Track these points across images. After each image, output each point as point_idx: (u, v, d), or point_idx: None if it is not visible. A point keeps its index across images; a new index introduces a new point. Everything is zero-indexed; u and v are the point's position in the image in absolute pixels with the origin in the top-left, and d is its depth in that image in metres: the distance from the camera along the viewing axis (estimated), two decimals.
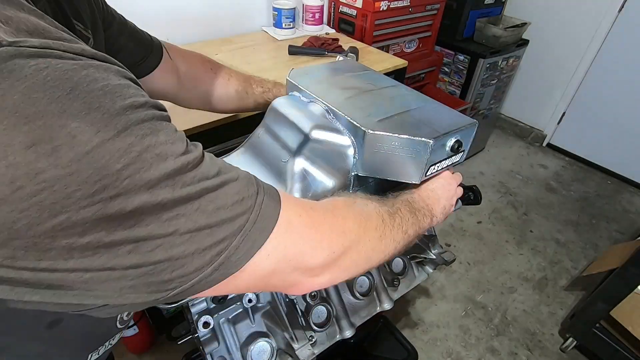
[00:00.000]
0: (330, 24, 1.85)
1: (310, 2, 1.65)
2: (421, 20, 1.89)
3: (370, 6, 1.61)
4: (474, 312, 1.67)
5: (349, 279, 0.42)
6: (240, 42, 1.55)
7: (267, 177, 0.60)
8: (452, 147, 0.54)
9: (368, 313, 0.71)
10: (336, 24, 1.82)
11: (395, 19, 1.75)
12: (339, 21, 1.80)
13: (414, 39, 1.96)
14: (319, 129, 0.57)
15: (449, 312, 1.67)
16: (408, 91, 0.66)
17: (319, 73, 0.71)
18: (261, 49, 1.51)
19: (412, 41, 1.96)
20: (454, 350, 1.52)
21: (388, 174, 0.56)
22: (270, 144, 0.62)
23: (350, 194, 0.45)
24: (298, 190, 0.57)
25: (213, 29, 1.58)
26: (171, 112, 1.05)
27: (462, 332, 1.60)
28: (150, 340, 1.45)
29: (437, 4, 1.87)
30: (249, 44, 1.54)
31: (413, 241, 0.51)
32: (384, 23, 1.72)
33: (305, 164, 0.57)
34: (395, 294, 0.75)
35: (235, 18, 1.63)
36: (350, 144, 0.56)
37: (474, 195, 0.74)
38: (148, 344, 1.45)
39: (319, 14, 1.69)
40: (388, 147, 0.52)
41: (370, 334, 1.33)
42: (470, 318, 1.65)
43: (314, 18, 1.70)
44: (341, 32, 1.78)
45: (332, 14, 1.82)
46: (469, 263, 1.90)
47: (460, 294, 1.75)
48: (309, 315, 0.64)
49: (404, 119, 0.56)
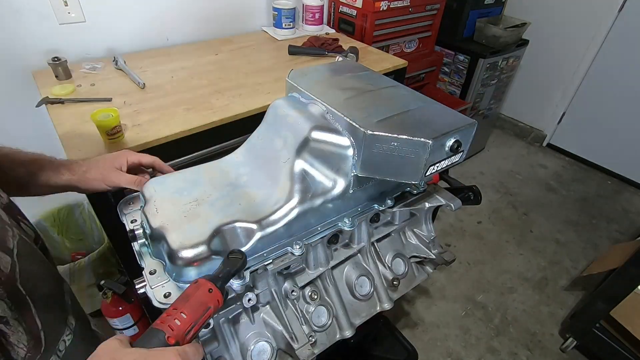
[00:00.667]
0: (330, 24, 1.85)
1: (310, 2, 1.65)
2: (421, 20, 1.89)
3: (370, 6, 1.61)
4: (474, 312, 1.67)
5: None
6: (240, 42, 1.55)
7: (266, 177, 0.59)
8: (451, 147, 0.54)
9: (368, 313, 0.71)
10: (336, 24, 1.82)
11: (395, 19, 1.75)
12: (339, 21, 1.80)
13: (414, 39, 1.96)
14: (318, 129, 0.57)
15: (449, 312, 1.67)
16: (407, 91, 0.66)
17: (318, 74, 0.70)
18: (261, 49, 1.51)
19: (412, 41, 1.96)
20: (454, 350, 1.52)
21: (388, 175, 0.55)
22: (269, 145, 0.62)
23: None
24: (298, 191, 0.56)
25: (213, 29, 1.57)
26: (171, 112, 1.05)
27: (462, 332, 1.60)
28: None
29: (437, 4, 1.87)
30: (249, 44, 1.54)
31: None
32: (384, 23, 1.72)
33: (305, 164, 0.57)
34: (395, 294, 0.75)
35: (235, 18, 1.63)
36: (350, 144, 0.56)
37: (474, 195, 0.75)
38: None
39: (319, 14, 1.69)
40: (387, 147, 0.52)
41: (370, 334, 1.33)
42: (470, 318, 1.65)
43: (314, 18, 1.70)
44: (341, 32, 1.78)
45: (332, 14, 1.82)
46: (469, 263, 1.90)
47: (460, 294, 1.75)
48: (309, 316, 0.63)
49: (403, 119, 0.55)
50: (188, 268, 0.49)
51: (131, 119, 1.00)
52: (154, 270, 0.53)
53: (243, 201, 0.56)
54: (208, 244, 0.50)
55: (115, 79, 1.20)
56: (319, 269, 0.65)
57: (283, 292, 0.61)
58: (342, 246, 0.69)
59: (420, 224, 0.80)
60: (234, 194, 0.58)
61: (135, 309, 1.30)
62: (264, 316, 0.62)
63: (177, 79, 1.20)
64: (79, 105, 1.05)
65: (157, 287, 0.50)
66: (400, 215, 0.75)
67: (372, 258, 0.72)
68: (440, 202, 0.72)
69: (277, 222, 0.55)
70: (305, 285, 0.65)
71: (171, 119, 1.01)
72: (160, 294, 0.50)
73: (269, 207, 0.55)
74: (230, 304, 0.57)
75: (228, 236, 0.52)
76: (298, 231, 0.58)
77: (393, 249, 0.76)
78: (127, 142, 0.91)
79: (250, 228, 0.53)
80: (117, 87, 1.14)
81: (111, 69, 1.24)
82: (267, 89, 1.18)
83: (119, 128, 0.90)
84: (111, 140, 0.89)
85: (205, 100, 1.11)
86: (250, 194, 0.58)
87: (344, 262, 0.71)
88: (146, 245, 0.56)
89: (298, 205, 0.56)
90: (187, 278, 0.50)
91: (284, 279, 0.62)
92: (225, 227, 0.52)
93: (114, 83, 1.17)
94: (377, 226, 0.73)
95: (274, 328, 0.61)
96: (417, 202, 0.72)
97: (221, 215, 0.53)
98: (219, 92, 1.16)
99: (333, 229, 0.61)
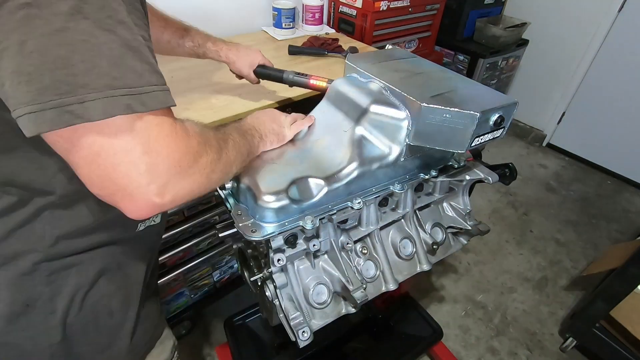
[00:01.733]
0: (330, 24, 1.85)
1: (310, 2, 1.65)
2: (421, 20, 1.89)
3: (370, 6, 1.61)
4: (473, 312, 1.67)
5: (189, 201, 0.44)
6: (240, 42, 1.53)
7: (331, 143, 0.69)
8: (495, 121, 0.61)
9: (409, 272, 0.78)
10: (336, 24, 1.82)
11: (395, 19, 1.75)
12: (338, 21, 1.80)
13: (414, 39, 1.96)
14: (377, 103, 0.66)
15: (449, 312, 1.67)
16: (454, 74, 0.74)
17: (373, 58, 0.79)
18: (261, 48, 1.50)
19: (412, 41, 1.96)
20: (454, 350, 1.52)
21: (438, 144, 0.63)
22: (332, 118, 0.72)
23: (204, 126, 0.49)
24: (358, 155, 0.65)
25: (213, 29, 1.56)
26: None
27: (462, 332, 1.60)
28: None
29: (437, 4, 1.87)
30: (248, 43, 1.53)
31: (247, 160, 0.60)
32: (384, 23, 1.72)
33: (365, 132, 0.67)
34: (434, 258, 0.82)
35: (235, 18, 1.63)
36: (406, 116, 0.64)
37: (510, 172, 0.81)
38: None
39: (318, 14, 1.69)
40: (440, 119, 0.60)
41: (397, 312, 1.37)
42: (470, 318, 1.65)
43: (313, 18, 1.70)
44: (341, 32, 1.78)
45: (332, 13, 1.82)
46: (469, 263, 1.90)
47: (460, 294, 1.75)
48: (359, 267, 0.73)
49: (453, 96, 0.63)
50: (270, 210, 0.59)
51: None
52: (239, 212, 0.63)
53: (312, 162, 0.67)
54: (286, 192, 0.60)
55: None
56: (370, 227, 0.74)
57: (340, 244, 0.70)
58: (390, 210, 0.78)
59: (458, 197, 0.87)
60: (304, 156, 0.68)
61: None
62: (323, 264, 0.71)
63: (177, 79, 1.20)
64: None
65: (244, 224, 0.61)
66: (441, 186, 0.83)
67: (414, 224, 0.80)
68: (479, 176, 0.79)
69: (340, 180, 0.64)
70: (357, 241, 0.73)
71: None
72: (247, 229, 0.59)
73: (335, 167, 0.65)
74: (298, 247, 0.65)
75: (302, 187, 0.62)
76: (356, 190, 0.68)
77: (432, 219, 0.84)
78: None
79: (319, 183, 0.63)
80: None
81: None
82: (267, 89, 1.19)
83: None
84: None
85: (205, 100, 1.11)
86: (318, 157, 0.68)
87: (390, 225, 0.79)
88: (231, 194, 0.67)
89: (358, 167, 0.65)
90: (268, 219, 0.60)
91: (341, 233, 0.70)
92: (300, 180, 0.62)
93: None
94: (420, 195, 0.82)
95: (331, 274, 0.70)
96: (458, 175, 0.80)
97: (296, 171, 0.63)
98: (219, 92, 1.16)
99: (386, 190, 0.71)
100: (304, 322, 0.64)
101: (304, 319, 0.65)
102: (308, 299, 0.68)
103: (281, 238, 0.60)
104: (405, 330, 1.33)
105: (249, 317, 1.26)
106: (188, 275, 1.32)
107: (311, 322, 0.68)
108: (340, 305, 0.71)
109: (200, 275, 1.36)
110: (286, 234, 0.61)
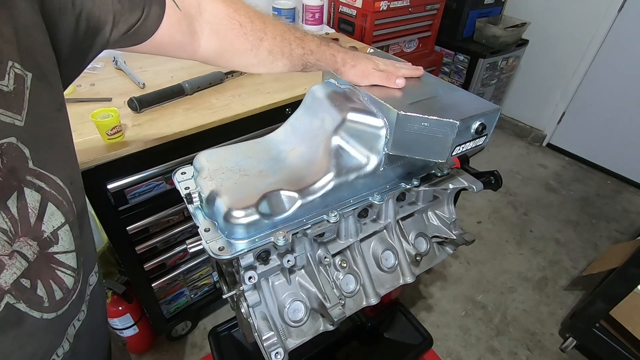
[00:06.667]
0: (330, 24, 1.85)
1: (310, 2, 1.65)
2: (421, 20, 1.89)
3: (370, 6, 1.61)
4: (473, 312, 1.67)
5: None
6: None
7: (306, 153, 0.66)
8: (476, 129, 0.58)
9: (392, 285, 0.76)
10: (336, 24, 1.82)
11: (395, 19, 1.75)
12: (338, 21, 1.80)
13: (414, 39, 1.96)
14: (354, 111, 0.63)
15: (449, 312, 1.67)
16: (435, 80, 0.71)
17: None
18: None
19: (412, 41, 1.96)
20: (454, 350, 1.53)
21: (417, 153, 0.61)
22: (308, 125, 0.69)
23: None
24: (334, 165, 0.62)
25: None
26: (171, 112, 1.06)
27: (462, 332, 1.60)
28: (150, 341, 1.45)
29: (437, 3, 1.87)
30: None
31: (296, 54, 0.61)
32: (383, 23, 1.72)
33: (341, 141, 0.63)
34: (417, 269, 0.80)
35: None
36: (383, 125, 0.61)
37: (495, 179, 0.79)
38: (148, 344, 1.45)
39: (318, 14, 1.69)
40: (418, 127, 0.57)
41: (386, 320, 1.35)
42: (470, 318, 1.65)
43: (313, 18, 1.70)
44: (341, 32, 1.78)
45: (332, 13, 1.82)
46: (469, 263, 1.90)
47: (460, 294, 1.75)
48: (338, 282, 0.71)
49: (433, 103, 0.60)
50: (239, 226, 0.56)
51: (131, 119, 1.00)
52: (207, 229, 0.59)
53: (286, 173, 0.63)
54: (257, 207, 0.56)
55: (115, 78, 1.20)
56: (349, 239, 0.71)
57: (317, 259, 0.67)
58: (370, 221, 0.75)
59: (443, 206, 0.85)
60: (277, 167, 0.64)
61: (135, 309, 1.30)
62: (299, 279, 0.68)
63: (177, 79, 1.20)
64: (79, 105, 1.05)
65: (212, 242, 0.57)
66: (425, 195, 0.80)
67: (397, 235, 0.77)
68: (463, 184, 0.76)
69: (315, 192, 0.61)
70: (336, 254, 0.71)
71: (171, 119, 1.01)
72: (215, 247, 0.56)
73: (309, 179, 0.62)
74: (271, 263, 0.63)
75: (273, 201, 0.58)
76: (333, 202, 0.64)
77: (416, 228, 0.81)
78: (127, 142, 0.91)
79: (292, 196, 0.59)
80: (117, 87, 1.14)
81: (111, 69, 1.24)
82: (267, 89, 1.19)
83: (119, 128, 0.90)
84: (111, 140, 0.89)
85: (205, 100, 1.11)
86: (292, 167, 0.64)
87: (371, 237, 0.77)
88: (199, 208, 0.63)
89: (334, 179, 0.62)
90: (238, 235, 0.57)
91: (318, 246, 0.68)
92: (271, 194, 0.58)
93: (114, 83, 1.17)
94: (402, 205, 0.79)
95: (308, 289, 0.67)
96: (441, 183, 0.77)
97: (267, 183, 0.60)
98: (219, 92, 1.16)
99: (364, 202, 0.67)
100: (277, 343, 0.62)
101: (278, 339, 0.62)
102: (283, 317, 0.66)
103: (251, 255, 0.58)
104: (395, 338, 1.31)
105: (234, 328, 1.22)
106: (188, 275, 1.32)
107: (287, 342, 0.65)
108: (319, 322, 0.69)
109: (200, 275, 1.36)
110: (257, 251, 0.58)
